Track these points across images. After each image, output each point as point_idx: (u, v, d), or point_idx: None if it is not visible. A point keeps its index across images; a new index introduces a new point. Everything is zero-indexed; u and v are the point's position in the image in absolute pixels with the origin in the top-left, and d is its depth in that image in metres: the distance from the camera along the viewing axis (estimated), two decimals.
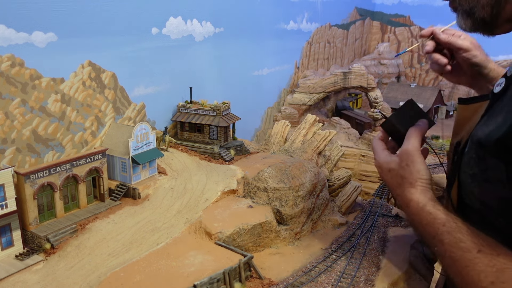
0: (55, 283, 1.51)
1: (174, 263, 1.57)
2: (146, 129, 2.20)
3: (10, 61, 1.86)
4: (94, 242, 1.75)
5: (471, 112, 1.19)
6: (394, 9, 6.68)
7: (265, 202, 1.92)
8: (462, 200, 1.10)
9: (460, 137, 1.18)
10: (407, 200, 1.15)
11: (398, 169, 1.21)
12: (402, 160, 1.21)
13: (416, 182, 1.16)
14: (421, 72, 6.74)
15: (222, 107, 2.59)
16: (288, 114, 4.43)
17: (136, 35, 2.51)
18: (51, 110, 2.07)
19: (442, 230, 1.03)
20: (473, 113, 1.18)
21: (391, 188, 1.26)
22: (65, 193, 1.93)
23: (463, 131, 1.18)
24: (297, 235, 1.90)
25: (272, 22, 4.02)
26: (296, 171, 1.97)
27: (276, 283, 1.56)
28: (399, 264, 1.68)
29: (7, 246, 1.69)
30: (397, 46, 6.77)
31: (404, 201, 1.17)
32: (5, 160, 1.90)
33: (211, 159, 2.52)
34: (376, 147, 1.33)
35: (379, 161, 1.28)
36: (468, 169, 1.03)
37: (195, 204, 1.97)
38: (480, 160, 0.98)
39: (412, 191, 1.16)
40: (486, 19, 1.02)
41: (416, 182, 1.16)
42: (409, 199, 1.15)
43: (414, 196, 1.14)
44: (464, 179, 1.05)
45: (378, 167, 1.28)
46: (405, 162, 1.20)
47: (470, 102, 1.24)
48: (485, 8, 1.00)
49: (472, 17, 1.04)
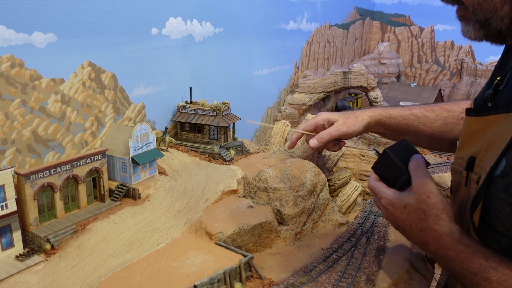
0: (55, 284, 1.51)
1: (175, 264, 1.57)
2: (146, 130, 2.20)
3: (10, 62, 1.86)
4: (94, 242, 1.74)
5: (485, 125, 1.09)
6: (394, 8, 6.67)
7: (266, 202, 1.92)
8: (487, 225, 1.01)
9: (473, 152, 1.10)
10: (436, 234, 1.05)
11: (418, 203, 1.10)
12: (421, 192, 1.11)
13: (442, 213, 1.07)
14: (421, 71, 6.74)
15: (222, 107, 2.59)
16: (288, 114, 4.42)
17: (136, 35, 2.51)
18: (51, 110, 2.07)
19: (485, 265, 0.93)
20: (487, 125, 1.09)
21: (406, 226, 1.14)
22: (65, 193, 1.93)
23: (476, 145, 1.10)
24: (298, 235, 1.90)
25: (272, 22, 4.02)
26: (296, 171, 1.97)
27: (276, 283, 1.55)
28: (399, 264, 1.68)
29: (7, 247, 1.69)
30: (397, 45, 6.78)
31: (431, 235, 1.07)
32: (5, 161, 1.90)
33: (211, 159, 2.52)
34: (378, 187, 1.24)
35: (389, 198, 1.18)
36: (506, 196, 0.92)
37: (195, 204, 1.97)
38: None
39: (442, 223, 1.06)
40: (503, 30, 0.97)
41: (442, 213, 1.07)
42: (439, 232, 1.05)
43: (445, 229, 1.05)
44: (499, 206, 0.96)
45: (389, 205, 1.18)
46: (426, 194, 1.10)
47: (483, 114, 1.12)
48: (503, 20, 0.95)
49: (487, 28, 0.99)
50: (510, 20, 0.95)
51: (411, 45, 6.60)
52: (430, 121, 1.79)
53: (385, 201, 1.20)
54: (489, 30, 0.99)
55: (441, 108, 1.82)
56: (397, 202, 1.16)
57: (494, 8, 0.94)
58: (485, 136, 1.08)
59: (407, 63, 6.73)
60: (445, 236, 1.03)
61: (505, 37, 1.00)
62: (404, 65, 6.73)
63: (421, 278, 1.66)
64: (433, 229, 1.06)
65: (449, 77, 6.43)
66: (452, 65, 6.41)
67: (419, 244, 1.17)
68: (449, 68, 6.43)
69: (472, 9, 1.00)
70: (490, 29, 0.99)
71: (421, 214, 1.09)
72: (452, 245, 1.01)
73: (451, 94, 6.34)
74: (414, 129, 1.81)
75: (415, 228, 1.11)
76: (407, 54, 6.67)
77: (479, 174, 1.06)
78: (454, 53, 6.38)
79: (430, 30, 6.44)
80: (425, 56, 6.56)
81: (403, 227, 1.17)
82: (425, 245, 1.12)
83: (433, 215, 1.07)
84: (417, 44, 6.56)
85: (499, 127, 1.03)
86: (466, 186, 1.12)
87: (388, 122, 1.85)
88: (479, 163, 1.07)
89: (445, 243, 1.03)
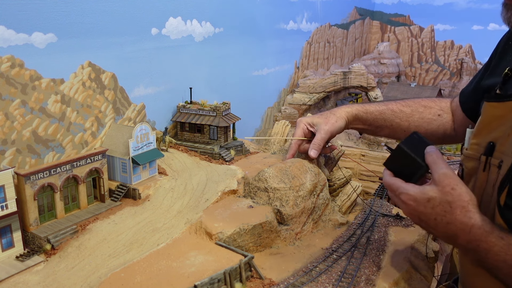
0: (55, 284, 1.51)
1: (175, 264, 1.57)
2: (146, 130, 2.20)
3: (10, 62, 1.86)
4: (94, 242, 1.74)
5: (507, 110, 1.09)
6: (394, 8, 6.67)
7: (266, 202, 1.92)
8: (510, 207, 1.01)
9: (492, 137, 1.11)
10: (466, 227, 1.03)
11: (442, 196, 1.07)
12: (445, 184, 1.08)
13: (469, 204, 1.05)
14: (421, 71, 6.74)
15: (222, 107, 2.59)
16: (288, 114, 4.42)
17: (136, 36, 2.51)
18: (51, 111, 2.07)
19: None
20: (509, 111, 1.08)
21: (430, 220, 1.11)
22: (66, 193, 1.92)
23: (496, 131, 1.11)
24: (298, 235, 1.90)
25: (272, 22, 4.02)
26: (296, 171, 1.97)
27: (276, 283, 1.55)
28: (400, 264, 1.68)
29: (7, 247, 1.69)
30: (397, 45, 6.77)
31: (460, 228, 1.05)
32: (5, 161, 1.90)
33: (211, 159, 2.52)
34: (396, 183, 1.19)
35: (411, 193, 1.13)
36: None
37: (195, 204, 1.97)
38: None
39: (470, 214, 1.04)
40: None
41: (469, 204, 1.05)
42: (469, 224, 1.03)
43: (475, 221, 1.03)
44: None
45: (411, 201, 1.13)
46: (450, 186, 1.07)
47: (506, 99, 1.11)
48: None
49: None
50: None
51: (411, 45, 6.60)
52: (406, 115, 1.85)
53: (405, 196, 1.16)
54: None
55: (417, 104, 1.88)
56: (419, 196, 1.12)
57: None
58: (507, 122, 1.07)
59: (407, 63, 6.73)
60: (476, 228, 1.01)
61: None
62: (404, 65, 6.73)
63: (421, 278, 1.66)
64: (462, 221, 1.04)
65: (449, 77, 6.43)
66: (452, 64, 6.41)
67: (445, 238, 1.14)
68: (449, 67, 6.43)
69: None
70: None
71: (446, 207, 1.07)
72: (485, 237, 0.99)
73: (451, 94, 6.34)
74: (390, 123, 1.87)
75: (440, 222, 1.09)
76: (407, 54, 6.66)
77: (500, 159, 1.06)
78: (454, 53, 6.38)
79: (430, 30, 6.44)
80: (425, 56, 6.56)
81: (426, 222, 1.14)
82: (453, 238, 1.09)
83: (460, 207, 1.05)
84: (417, 44, 6.56)
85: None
86: (484, 171, 1.12)
87: (365, 117, 1.91)
88: (500, 148, 1.08)
89: (477, 235, 1.01)
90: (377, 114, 1.88)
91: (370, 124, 1.93)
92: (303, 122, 2.02)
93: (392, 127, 1.87)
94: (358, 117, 1.93)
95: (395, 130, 1.88)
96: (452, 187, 1.07)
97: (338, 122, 1.90)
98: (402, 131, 1.87)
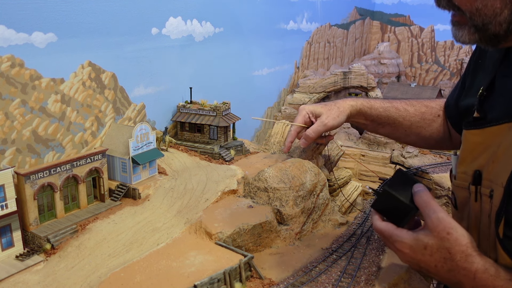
0: (55, 284, 1.51)
1: (175, 263, 1.57)
2: (146, 129, 2.20)
3: (10, 62, 1.86)
4: (94, 242, 1.74)
5: (487, 136, 1.05)
6: (394, 8, 6.67)
7: (266, 202, 1.92)
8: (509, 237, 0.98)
9: (477, 165, 1.07)
10: (469, 273, 0.99)
11: (439, 242, 1.02)
12: (440, 230, 1.03)
13: (468, 248, 1.00)
14: (421, 71, 6.75)
15: (222, 107, 2.59)
16: (288, 114, 4.42)
17: (136, 35, 2.51)
18: (51, 110, 2.07)
19: None
20: (489, 137, 1.05)
21: (430, 267, 1.06)
22: (65, 193, 1.93)
23: (479, 158, 1.07)
24: (298, 235, 1.90)
25: (272, 22, 4.02)
26: (296, 171, 1.97)
27: (276, 283, 1.55)
28: (399, 264, 1.68)
29: (7, 247, 1.69)
30: (397, 45, 6.78)
31: (463, 275, 1.00)
32: (5, 161, 1.90)
33: (211, 159, 2.52)
34: (388, 229, 1.13)
35: (406, 241, 1.08)
36: None
37: (195, 204, 1.97)
38: None
39: (471, 259, 0.99)
40: (500, 34, 0.97)
41: (468, 248, 1.00)
42: (473, 270, 0.98)
43: (478, 265, 0.98)
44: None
45: (407, 249, 1.08)
46: (445, 231, 1.02)
47: (484, 126, 1.08)
48: (502, 25, 0.95)
49: (483, 33, 0.99)
50: (508, 25, 0.94)
51: (411, 45, 6.60)
52: (409, 114, 1.83)
53: (400, 245, 1.10)
54: (485, 34, 0.98)
55: (420, 104, 1.86)
56: (415, 244, 1.07)
57: (493, 14, 0.93)
58: (489, 148, 1.04)
59: (407, 63, 6.73)
60: (480, 273, 0.98)
61: (500, 41, 0.99)
62: (404, 65, 6.73)
63: (421, 278, 1.66)
64: (464, 267, 1.00)
65: (449, 77, 6.43)
66: (452, 65, 6.41)
67: (450, 283, 1.09)
68: (449, 68, 6.43)
69: (469, 15, 0.98)
70: (487, 34, 0.97)
71: (445, 254, 1.02)
72: (491, 281, 0.96)
73: None
74: (393, 121, 1.85)
75: (441, 269, 1.04)
76: (407, 54, 6.66)
77: (490, 187, 1.03)
78: (454, 53, 6.38)
79: (430, 30, 6.44)
80: (425, 56, 6.56)
81: (427, 269, 1.09)
82: (458, 285, 1.05)
83: (459, 252, 1.01)
84: (417, 44, 6.56)
85: (505, 137, 1.00)
86: (476, 201, 1.08)
87: (369, 112, 1.88)
88: (488, 176, 1.04)
89: (483, 281, 0.97)
90: (382, 110, 1.85)
91: (373, 120, 1.90)
92: (306, 109, 1.99)
93: (394, 125, 1.85)
94: (362, 112, 1.90)
95: (397, 129, 1.86)
96: (448, 232, 1.02)
97: (339, 117, 1.87)
98: (403, 130, 1.85)
